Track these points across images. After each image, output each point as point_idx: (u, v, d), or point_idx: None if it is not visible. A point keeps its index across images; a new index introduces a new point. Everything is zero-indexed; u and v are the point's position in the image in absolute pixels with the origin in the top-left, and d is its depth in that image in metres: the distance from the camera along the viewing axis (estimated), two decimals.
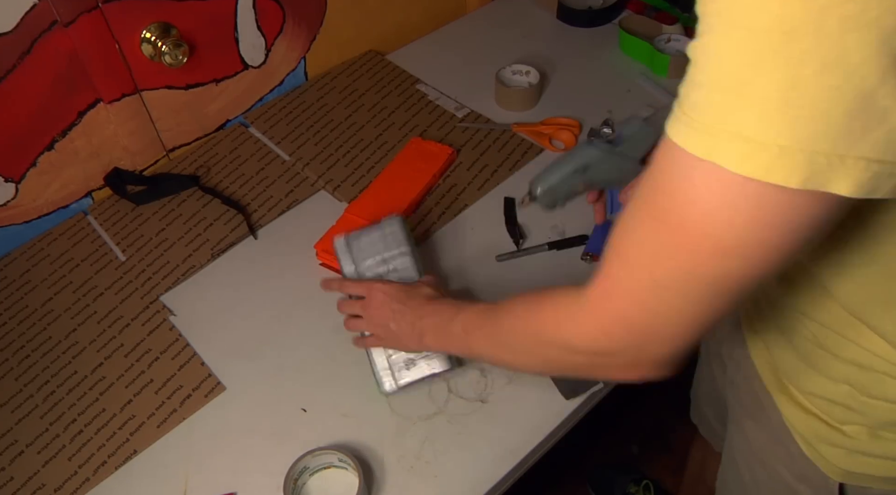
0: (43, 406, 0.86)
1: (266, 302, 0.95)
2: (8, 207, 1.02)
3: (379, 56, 1.33)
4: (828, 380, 0.62)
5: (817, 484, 0.68)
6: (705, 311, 0.44)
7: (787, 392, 0.68)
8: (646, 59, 1.26)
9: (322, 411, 0.83)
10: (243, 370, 0.88)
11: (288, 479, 0.74)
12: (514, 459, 0.78)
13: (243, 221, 1.04)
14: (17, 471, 0.80)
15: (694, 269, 0.42)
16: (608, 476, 1.52)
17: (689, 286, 0.43)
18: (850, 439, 0.63)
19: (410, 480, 0.77)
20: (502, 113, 1.20)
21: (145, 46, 1.02)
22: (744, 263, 0.40)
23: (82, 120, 1.03)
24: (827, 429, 0.64)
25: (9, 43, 0.90)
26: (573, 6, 1.38)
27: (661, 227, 0.42)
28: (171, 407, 0.85)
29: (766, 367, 0.71)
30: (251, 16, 1.13)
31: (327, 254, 0.97)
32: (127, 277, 0.99)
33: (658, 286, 0.44)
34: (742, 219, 0.38)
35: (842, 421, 0.63)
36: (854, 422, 0.62)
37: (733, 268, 0.41)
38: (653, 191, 0.43)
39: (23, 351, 0.92)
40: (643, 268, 0.44)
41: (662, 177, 0.41)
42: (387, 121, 1.19)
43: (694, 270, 0.42)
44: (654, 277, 0.44)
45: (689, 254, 0.41)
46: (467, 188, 1.07)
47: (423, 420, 0.82)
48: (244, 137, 1.18)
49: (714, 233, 0.39)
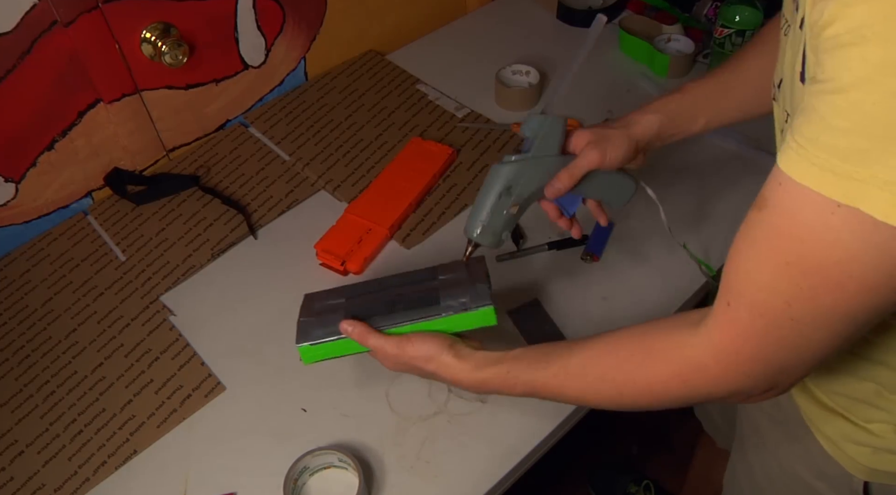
0: (43, 406, 0.86)
1: (266, 302, 0.95)
2: (8, 207, 1.02)
3: (379, 56, 1.33)
4: (853, 379, 0.61)
5: (839, 482, 0.67)
6: (846, 338, 0.45)
7: (806, 390, 0.67)
8: (646, 59, 1.26)
9: (322, 411, 0.83)
10: (243, 370, 0.88)
11: (288, 479, 0.74)
12: (514, 459, 0.78)
13: (243, 221, 1.04)
14: (17, 471, 0.80)
15: (836, 307, 0.42)
16: (608, 476, 1.52)
17: (832, 321, 0.43)
18: (877, 437, 0.62)
19: (410, 480, 0.77)
20: (502, 113, 1.20)
21: (145, 46, 1.02)
22: (890, 296, 0.41)
23: (82, 120, 1.03)
24: (852, 428, 0.64)
25: (9, 43, 0.90)
26: (573, 6, 1.38)
27: (797, 271, 0.42)
28: (171, 407, 0.85)
29: None
30: (251, 16, 1.13)
31: (327, 254, 0.97)
32: (127, 277, 0.99)
33: (798, 324, 0.44)
34: (890, 261, 0.38)
35: (867, 419, 0.62)
36: (880, 420, 0.61)
37: (877, 301, 0.41)
38: (777, 235, 0.42)
39: (23, 351, 0.92)
40: (779, 311, 0.44)
41: (790, 220, 0.41)
42: (387, 121, 1.19)
43: (837, 307, 0.42)
44: (793, 317, 0.44)
45: (831, 293, 0.41)
46: (467, 188, 1.07)
47: (423, 420, 0.82)
48: (244, 137, 1.18)
49: (859, 274, 0.39)
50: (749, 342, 0.47)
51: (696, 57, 1.24)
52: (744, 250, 0.45)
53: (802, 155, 0.39)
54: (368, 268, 0.98)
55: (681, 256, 0.95)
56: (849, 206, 0.37)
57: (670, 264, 0.95)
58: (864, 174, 0.36)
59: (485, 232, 0.71)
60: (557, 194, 0.71)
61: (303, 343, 0.71)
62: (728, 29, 1.14)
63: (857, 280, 0.40)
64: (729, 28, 1.14)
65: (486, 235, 0.71)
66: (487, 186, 0.70)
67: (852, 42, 0.34)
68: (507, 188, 0.69)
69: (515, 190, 0.70)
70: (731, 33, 1.15)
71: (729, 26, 1.14)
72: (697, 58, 1.25)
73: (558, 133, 0.70)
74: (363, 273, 0.97)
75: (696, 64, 1.24)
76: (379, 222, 1.00)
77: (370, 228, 1.00)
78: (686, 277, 0.93)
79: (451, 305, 0.70)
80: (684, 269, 0.94)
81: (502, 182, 0.69)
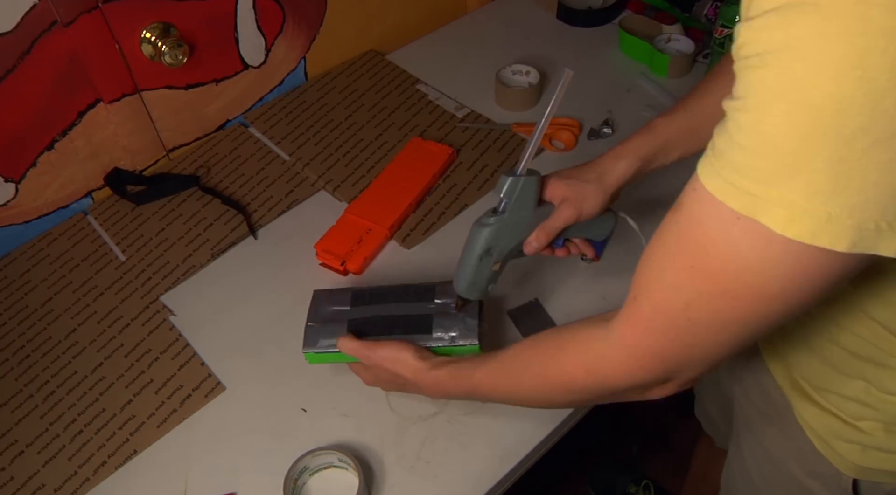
0: (43, 406, 0.86)
1: (266, 302, 0.95)
2: (8, 207, 1.02)
3: (379, 56, 1.33)
4: (843, 377, 0.62)
5: (830, 481, 0.68)
6: (742, 342, 0.46)
7: (799, 388, 0.68)
8: (646, 59, 1.26)
9: (322, 411, 0.83)
10: (243, 370, 0.88)
11: (288, 479, 0.74)
12: (514, 459, 0.78)
13: (243, 221, 1.04)
14: (17, 471, 0.80)
15: (732, 313, 0.43)
16: (608, 476, 1.53)
17: (728, 326, 0.44)
18: (866, 435, 0.63)
19: (410, 480, 0.77)
20: (502, 113, 1.20)
21: (145, 46, 1.02)
22: (784, 307, 0.42)
23: (82, 120, 1.03)
24: (841, 426, 0.64)
25: (9, 43, 0.90)
26: (573, 6, 1.38)
27: (699, 276, 0.43)
28: (171, 407, 0.85)
29: (778, 365, 0.71)
30: (251, 16, 1.13)
31: (327, 254, 0.97)
32: (127, 277, 0.99)
33: (694, 325, 0.45)
34: (784, 272, 0.39)
35: (857, 417, 0.63)
36: (869, 418, 0.62)
37: (773, 311, 0.42)
38: (686, 240, 0.43)
39: (23, 351, 0.92)
40: (678, 311, 0.45)
41: (697, 227, 0.42)
42: (387, 121, 1.19)
43: (732, 314, 0.43)
44: (690, 318, 0.45)
45: (728, 300, 0.42)
46: (467, 188, 1.07)
47: (423, 420, 0.82)
48: (244, 137, 1.19)
49: (755, 283, 0.40)
50: (648, 337, 0.49)
51: (696, 57, 1.24)
52: (656, 248, 0.47)
53: (713, 165, 0.40)
54: (368, 268, 0.98)
55: None
56: (748, 218, 0.38)
57: None
58: (761, 191, 0.37)
59: (471, 289, 0.75)
60: (535, 252, 0.74)
61: (308, 350, 0.78)
62: (728, 29, 1.14)
63: (754, 290, 0.41)
64: (729, 28, 1.14)
65: (473, 292, 0.75)
66: (469, 248, 0.73)
67: (756, 65, 0.35)
68: (486, 250, 0.72)
69: (495, 251, 0.72)
70: (731, 33, 1.15)
71: (729, 26, 1.14)
72: (697, 58, 1.25)
73: (532, 191, 0.72)
74: (363, 273, 0.97)
75: (695, 64, 1.24)
76: (379, 222, 1.00)
77: (370, 228, 1.00)
78: None
79: (441, 337, 0.76)
80: None
81: (482, 245, 0.72)
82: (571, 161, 1.05)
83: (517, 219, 0.72)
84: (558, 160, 1.10)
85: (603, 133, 1.14)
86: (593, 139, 1.14)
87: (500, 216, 0.72)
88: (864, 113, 0.33)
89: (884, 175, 0.34)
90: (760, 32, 0.35)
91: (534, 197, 0.72)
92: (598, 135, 1.14)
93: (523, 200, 0.72)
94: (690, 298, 0.44)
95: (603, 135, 1.14)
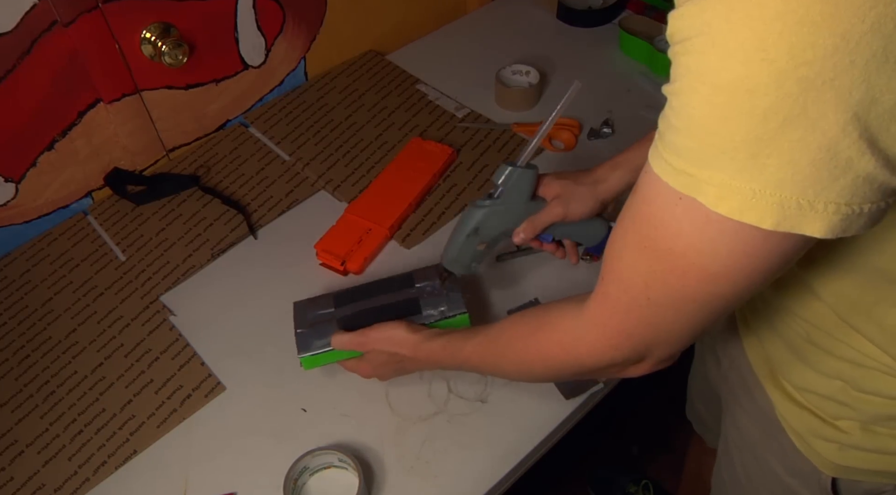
0: (43, 406, 0.86)
1: (266, 302, 0.95)
2: (8, 207, 1.02)
3: (379, 56, 1.33)
4: (821, 376, 0.62)
5: (809, 478, 0.68)
6: (701, 321, 0.48)
7: (780, 387, 0.69)
8: (646, 59, 1.26)
9: (322, 411, 0.83)
10: (243, 370, 0.88)
11: (288, 479, 0.74)
12: (514, 459, 0.78)
13: (243, 221, 1.04)
14: (17, 471, 0.80)
15: (684, 292, 0.44)
16: (608, 476, 1.53)
17: (683, 305, 0.46)
18: (844, 434, 0.63)
19: (410, 480, 0.77)
20: (502, 113, 1.20)
21: (145, 46, 1.02)
22: (730, 287, 0.43)
23: (82, 120, 1.03)
24: (820, 424, 0.65)
25: (9, 43, 0.90)
26: (573, 6, 1.38)
27: (651, 254, 0.44)
28: (171, 407, 0.85)
29: (760, 362, 0.72)
30: (251, 16, 1.13)
31: (327, 254, 0.97)
32: (127, 277, 0.99)
33: (654, 304, 0.47)
34: (724, 250, 0.40)
35: (835, 416, 0.63)
36: (847, 417, 0.62)
37: (721, 290, 0.43)
38: (639, 219, 0.45)
39: (23, 351, 0.92)
40: (638, 290, 0.47)
41: (647, 207, 0.44)
42: (387, 121, 1.19)
43: (685, 292, 0.45)
44: (650, 297, 0.47)
45: (678, 278, 0.44)
46: (467, 188, 1.07)
47: (423, 420, 0.82)
48: (244, 137, 1.19)
49: (699, 262, 0.42)
50: (615, 316, 0.51)
51: None
52: (617, 230, 0.48)
53: (657, 147, 0.41)
54: (368, 269, 0.98)
55: None
56: (688, 197, 0.39)
57: None
58: (695, 170, 0.38)
59: (454, 263, 0.80)
60: (522, 242, 0.79)
61: (304, 354, 0.80)
62: None
63: (699, 268, 0.42)
64: None
65: (456, 266, 0.80)
66: (460, 225, 0.78)
67: (681, 51, 0.37)
68: (475, 229, 0.77)
69: (483, 231, 0.77)
70: None
71: None
72: None
73: (527, 184, 0.76)
74: (363, 273, 0.97)
75: None
76: (379, 222, 1.00)
77: (370, 228, 1.00)
78: None
79: (432, 313, 0.81)
80: None
81: (472, 224, 0.76)
82: (571, 161, 1.05)
83: (509, 206, 0.77)
84: (558, 160, 1.10)
85: (603, 133, 1.14)
86: (593, 139, 1.14)
87: (493, 201, 0.76)
88: (770, 93, 0.34)
89: (797, 153, 0.35)
90: (683, 20, 0.36)
91: (528, 189, 0.77)
92: (598, 136, 1.14)
93: (517, 190, 0.76)
94: (647, 278, 0.46)
95: (603, 135, 1.14)
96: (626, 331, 0.51)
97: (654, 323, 0.49)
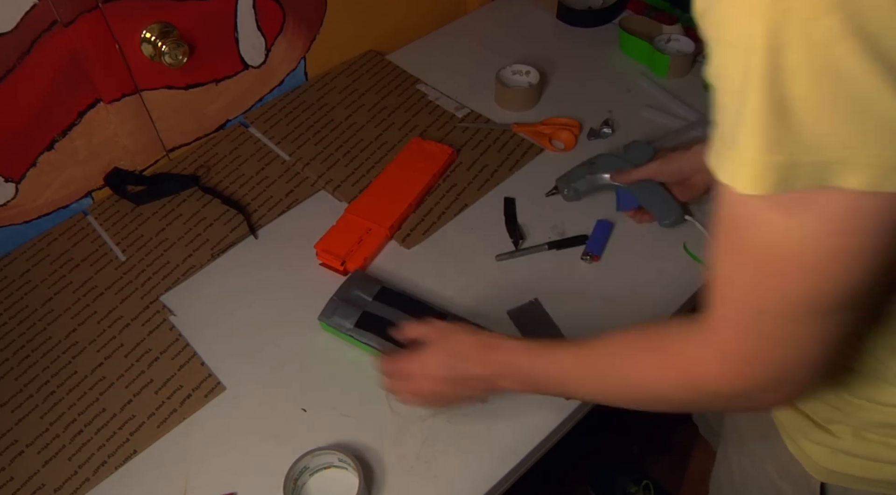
0: (43, 406, 0.86)
1: (266, 302, 0.95)
2: (8, 207, 1.02)
3: (379, 56, 1.33)
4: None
5: (800, 483, 0.68)
6: (822, 331, 0.44)
7: None
8: (646, 59, 1.26)
9: (322, 411, 0.83)
10: (243, 370, 0.88)
11: (288, 479, 0.74)
12: (514, 459, 0.78)
13: (243, 221, 1.04)
14: (17, 471, 0.80)
15: (790, 293, 0.43)
16: (608, 476, 1.52)
17: (794, 309, 0.44)
18: (835, 438, 0.63)
19: (410, 480, 0.77)
20: (502, 113, 1.20)
21: (145, 46, 1.02)
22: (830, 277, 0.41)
23: (82, 120, 1.03)
24: (813, 428, 0.65)
25: (9, 43, 0.90)
26: (573, 6, 1.38)
27: (748, 261, 0.43)
28: (171, 407, 0.85)
29: None
30: (251, 16, 1.13)
31: (327, 254, 0.97)
32: (127, 277, 0.99)
33: (767, 315, 0.45)
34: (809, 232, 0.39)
35: (828, 420, 0.63)
36: (839, 422, 0.62)
37: (823, 284, 0.42)
38: (726, 227, 0.44)
39: (23, 351, 0.92)
40: (748, 304, 0.45)
41: (727, 211, 0.43)
42: (387, 121, 1.19)
43: (790, 294, 0.43)
44: (761, 309, 0.45)
45: (779, 278, 0.43)
46: (467, 188, 1.07)
47: (423, 420, 0.82)
48: (244, 137, 1.18)
49: (792, 255, 0.41)
50: (741, 339, 0.47)
51: (696, 57, 1.24)
52: (714, 246, 0.47)
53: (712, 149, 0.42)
54: (368, 269, 0.98)
55: (681, 256, 0.95)
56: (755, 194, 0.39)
57: (670, 264, 0.95)
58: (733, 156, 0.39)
59: (563, 179, 1.02)
60: (620, 179, 0.97)
61: (322, 319, 0.88)
62: None
63: (796, 260, 0.41)
64: None
65: (562, 181, 1.02)
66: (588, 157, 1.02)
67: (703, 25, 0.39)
68: (591, 162, 1.01)
69: (597, 165, 1.00)
70: None
71: None
72: (697, 57, 1.25)
73: (646, 154, 0.99)
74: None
75: (696, 64, 1.24)
76: (379, 222, 1.00)
77: (370, 228, 1.00)
78: (686, 277, 0.93)
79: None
80: (684, 269, 0.94)
81: (595, 156, 1.01)
82: (571, 161, 1.05)
83: (622, 161, 0.99)
84: (558, 160, 1.10)
85: (603, 133, 1.14)
86: (593, 139, 1.13)
87: (623, 153, 1.01)
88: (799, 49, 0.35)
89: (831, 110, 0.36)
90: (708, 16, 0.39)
91: (645, 158, 0.98)
92: (598, 136, 1.14)
93: (637, 154, 0.99)
94: (750, 285, 0.44)
95: (603, 135, 1.14)
96: (750, 353, 0.47)
97: (774, 337, 0.46)
